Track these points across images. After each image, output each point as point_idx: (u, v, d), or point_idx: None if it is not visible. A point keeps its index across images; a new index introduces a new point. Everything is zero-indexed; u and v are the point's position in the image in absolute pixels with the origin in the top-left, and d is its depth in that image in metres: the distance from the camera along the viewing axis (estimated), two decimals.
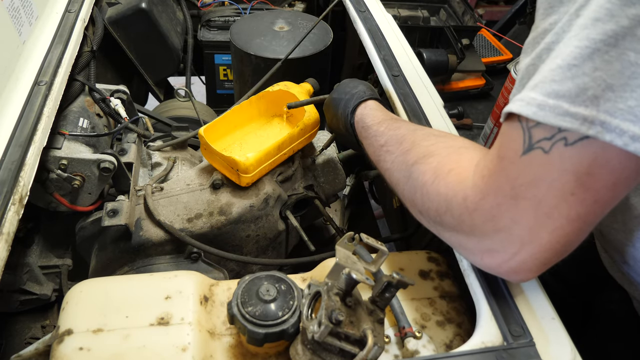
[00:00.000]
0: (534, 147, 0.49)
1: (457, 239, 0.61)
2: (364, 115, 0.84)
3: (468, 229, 0.57)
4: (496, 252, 0.56)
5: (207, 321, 0.70)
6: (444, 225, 0.61)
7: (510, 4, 2.69)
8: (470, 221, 0.56)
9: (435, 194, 0.60)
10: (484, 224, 0.55)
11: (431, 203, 0.61)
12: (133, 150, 1.07)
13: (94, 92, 1.11)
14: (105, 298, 0.69)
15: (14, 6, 0.97)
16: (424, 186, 0.63)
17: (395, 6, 2.12)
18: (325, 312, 0.56)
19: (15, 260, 1.04)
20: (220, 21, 1.89)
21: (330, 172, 1.16)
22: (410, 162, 0.68)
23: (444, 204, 0.59)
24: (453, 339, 0.71)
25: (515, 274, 0.57)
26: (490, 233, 0.55)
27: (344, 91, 0.91)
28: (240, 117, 1.09)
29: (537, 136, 0.49)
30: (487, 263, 0.59)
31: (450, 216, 0.58)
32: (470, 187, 0.56)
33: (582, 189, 0.48)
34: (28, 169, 0.77)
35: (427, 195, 0.62)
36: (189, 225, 0.97)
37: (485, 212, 0.54)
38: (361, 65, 1.65)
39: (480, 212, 0.54)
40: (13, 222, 0.69)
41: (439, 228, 0.64)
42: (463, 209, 0.56)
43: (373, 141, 0.79)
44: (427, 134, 0.73)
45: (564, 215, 0.50)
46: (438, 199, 0.60)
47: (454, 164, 0.61)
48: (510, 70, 1.62)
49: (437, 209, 0.61)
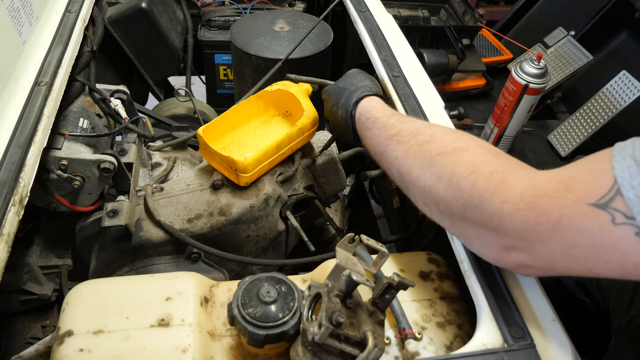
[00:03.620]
0: (607, 207, 0.49)
1: (475, 231, 0.62)
2: (370, 108, 0.85)
3: (493, 225, 0.59)
4: (513, 250, 0.58)
5: (207, 322, 0.69)
6: (466, 217, 0.62)
7: (510, 4, 2.69)
8: (498, 221, 0.58)
9: (469, 186, 0.61)
10: (513, 229, 0.57)
11: (460, 194, 0.62)
12: (133, 151, 1.07)
13: (94, 92, 1.10)
14: (105, 299, 0.69)
15: (14, 6, 0.97)
16: (454, 176, 0.63)
17: (395, 6, 2.12)
18: (325, 313, 0.56)
19: (15, 261, 1.04)
20: (220, 21, 1.89)
21: (330, 172, 1.15)
22: (433, 153, 0.68)
23: (476, 198, 0.60)
24: (453, 341, 0.71)
25: (524, 269, 0.60)
26: (515, 235, 0.57)
27: (351, 82, 0.91)
28: (239, 117, 1.09)
29: (617, 205, 0.49)
30: (501, 257, 0.61)
31: (479, 211, 0.60)
32: (515, 193, 0.57)
33: (618, 265, 0.50)
34: (28, 170, 0.77)
35: (457, 186, 0.63)
36: (189, 226, 0.97)
37: (520, 222, 0.56)
38: (361, 65, 1.64)
39: (514, 220, 0.56)
40: (13, 223, 0.69)
41: (455, 219, 0.65)
42: (497, 210, 0.57)
43: (381, 132, 0.79)
44: (445, 130, 0.74)
45: (586, 267, 0.53)
46: (471, 192, 0.61)
47: (498, 168, 0.61)
48: (510, 71, 1.62)
49: (466, 200, 0.61)
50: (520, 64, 1.60)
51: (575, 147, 1.72)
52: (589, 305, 1.04)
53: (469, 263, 0.71)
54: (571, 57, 1.95)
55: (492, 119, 1.72)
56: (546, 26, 2.15)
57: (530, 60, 1.57)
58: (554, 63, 1.99)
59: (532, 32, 2.25)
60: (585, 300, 1.05)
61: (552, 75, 1.91)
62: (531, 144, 1.86)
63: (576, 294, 1.06)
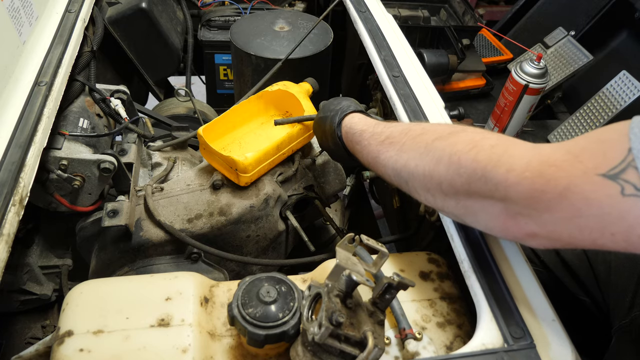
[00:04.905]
0: (617, 178, 0.49)
1: (481, 205, 0.62)
2: (353, 124, 0.85)
3: (499, 195, 0.58)
4: (521, 217, 0.58)
5: (207, 322, 0.69)
6: (471, 192, 0.62)
7: (510, 4, 2.69)
8: (504, 191, 0.57)
9: (471, 160, 0.61)
10: (519, 197, 0.56)
11: (463, 169, 0.62)
12: (133, 151, 1.07)
13: (94, 92, 1.10)
14: (105, 299, 0.69)
15: (14, 6, 0.97)
16: (454, 155, 0.63)
17: (395, 6, 2.11)
18: (325, 313, 0.56)
19: (15, 261, 1.04)
20: (220, 21, 1.89)
21: (330, 172, 1.15)
22: (428, 141, 0.69)
23: (480, 170, 0.60)
24: (453, 341, 0.71)
25: (531, 238, 0.59)
26: (522, 203, 0.56)
27: (329, 109, 0.91)
28: (239, 117, 1.09)
29: (629, 177, 0.49)
30: (509, 227, 0.60)
31: (484, 182, 0.59)
32: (521, 163, 0.56)
33: (623, 237, 0.50)
34: (28, 170, 0.77)
35: (458, 162, 0.63)
36: (189, 226, 0.97)
37: (526, 190, 0.55)
38: (361, 65, 1.65)
39: (520, 187, 0.56)
40: (13, 223, 0.69)
41: (460, 197, 0.64)
42: (503, 179, 0.57)
43: (371, 141, 0.80)
44: (435, 123, 0.75)
45: (590, 238, 0.53)
46: (474, 166, 0.61)
47: (499, 142, 0.62)
48: (510, 71, 1.62)
49: (469, 175, 0.61)
50: (521, 64, 1.60)
51: None
52: (589, 305, 1.04)
53: (469, 263, 0.71)
54: (571, 57, 1.95)
55: (492, 119, 1.72)
56: (546, 26, 2.15)
57: (530, 60, 1.57)
58: (554, 63, 1.99)
59: (532, 32, 2.25)
60: (586, 300, 1.05)
61: (552, 75, 1.91)
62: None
63: (576, 294, 1.06)
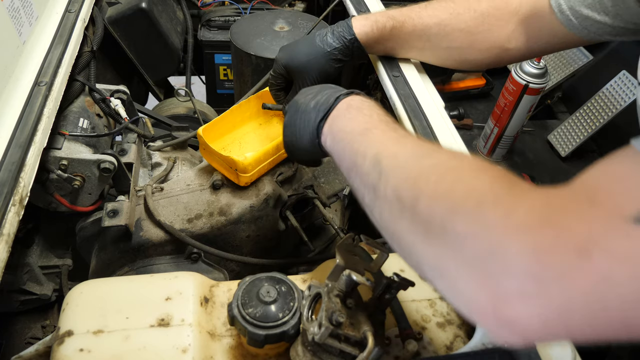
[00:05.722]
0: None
1: (455, 263, 0.44)
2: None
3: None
4: (517, 292, 0.39)
5: (207, 322, 0.69)
6: (447, 231, 0.45)
7: None
8: (497, 242, 0.41)
9: (465, 187, 0.46)
10: (517, 256, 0.39)
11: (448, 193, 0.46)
12: (133, 151, 1.07)
13: (94, 92, 1.10)
14: (105, 299, 0.69)
15: (14, 6, 0.96)
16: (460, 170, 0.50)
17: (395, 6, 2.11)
18: (325, 313, 0.56)
19: (15, 261, 1.04)
20: (220, 21, 1.89)
21: (330, 172, 1.16)
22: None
23: (473, 201, 0.44)
24: (453, 341, 0.71)
25: (527, 328, 0.40)
26: (521, 267, 0.38)
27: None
28: (239, 117, 1.09)
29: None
30: (498, 307, 0.40)
31: (470, 221, 0.43)
32: (523, 204, 0.41)
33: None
34: (28, 170, 0.77)
35: (460, 181, 0.48)
36: (189, 226, 0.97)
37: (529, 245, 0.39)
38: (361, 65, 1.64)
39: (520, 241, 0.39)
40: (13, 223, 0.69)
41: (430, 235, 0.47)
42: (499, 223, 0.41)
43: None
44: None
45: (621, 323, 0.36)
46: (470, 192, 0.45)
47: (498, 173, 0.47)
48: (510, 71, 1.62)
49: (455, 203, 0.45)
50: (520, 64, 1.60)
51: (575, 147, 1.72)
52: None
53: None
54: (571, 57, 1.95)
55: (492, 119, 1.72)
56: None
57: (530, 60, 1.57)
58: (554, 63, 1.98)
59: None
60: None
61: (552, 75, 1.91)
62: (531, 144, 1.86)
63: None
